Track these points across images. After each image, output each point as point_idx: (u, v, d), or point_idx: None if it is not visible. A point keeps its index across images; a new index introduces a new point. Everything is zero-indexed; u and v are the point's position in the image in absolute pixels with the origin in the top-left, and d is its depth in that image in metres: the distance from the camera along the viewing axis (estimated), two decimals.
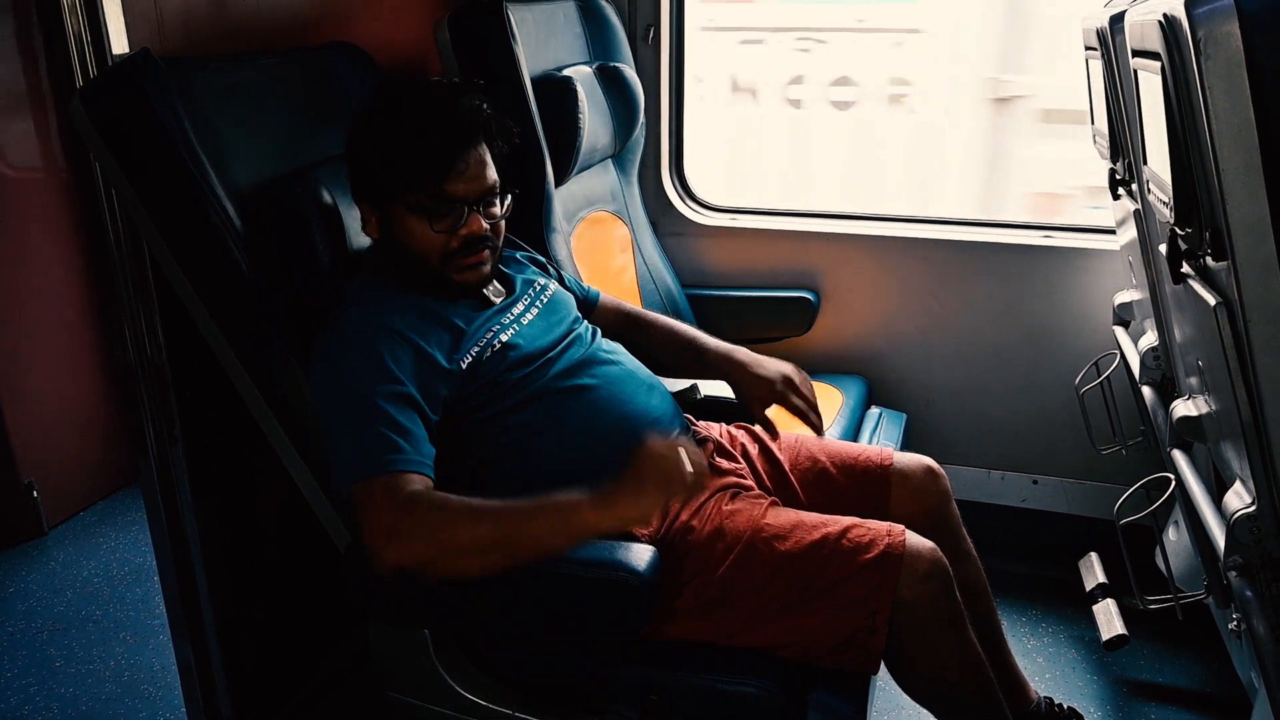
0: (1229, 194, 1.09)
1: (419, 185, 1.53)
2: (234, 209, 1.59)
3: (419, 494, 1.36)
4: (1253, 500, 1.23)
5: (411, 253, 1.57)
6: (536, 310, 1.70)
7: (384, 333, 1.49)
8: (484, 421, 1.55)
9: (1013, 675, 1.78)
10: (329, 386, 1.48)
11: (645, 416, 1.64)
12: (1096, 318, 2.52)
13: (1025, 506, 2.75)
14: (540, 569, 1.44)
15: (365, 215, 1.61)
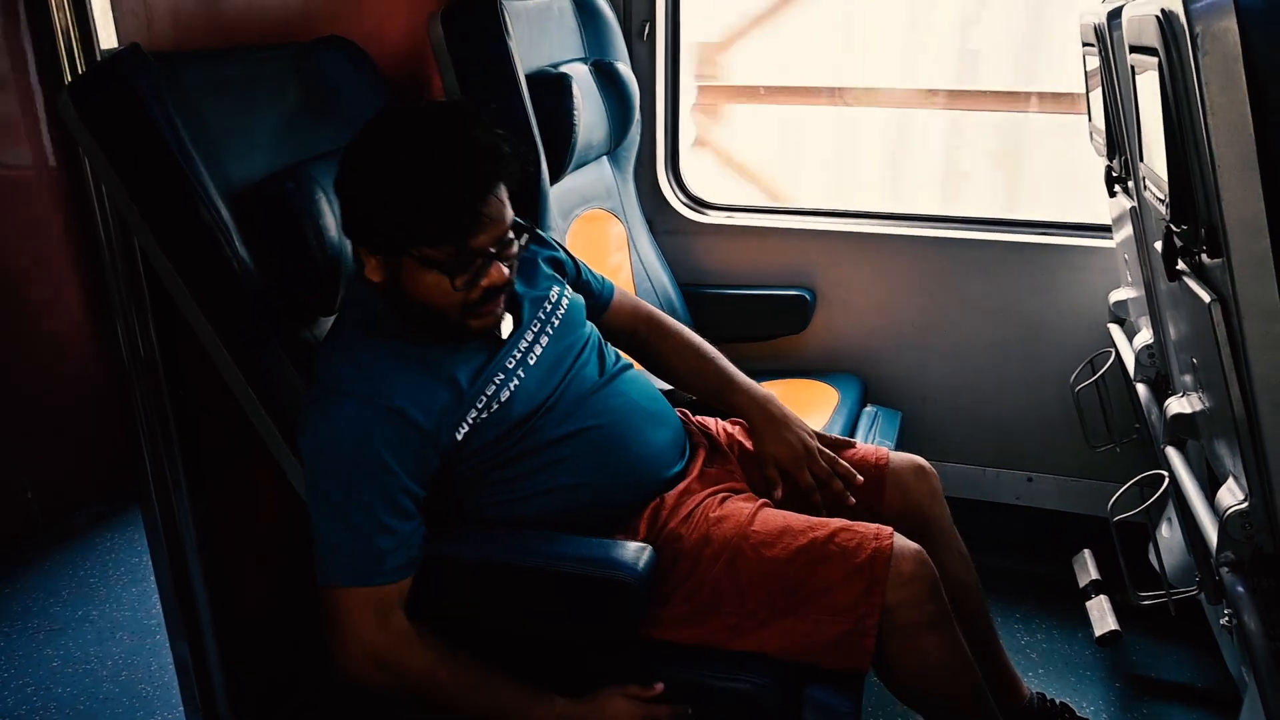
0: (1224, 191, 1.09)
1: (438, 242, 1.40)
2: (226, 206, 1.56)
3: (416, 636, 1.40)
4: (1245, 497, 1.24)
5: (425, 306, 1.46)
6: (547, 338, 1.61)
7: (379, 413, 1.41)
8: (478, 478, 1.52)
9: (1005, 672, 1.78)
10: (318, 470, 1.42)
11: (648, 453, 1.63)
12: (1092, 315, 2.52)
13: (1020, 504, 2.75)
14: (537, 567, 1.45)
15: (362, 258, 1.48)
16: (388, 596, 1.40)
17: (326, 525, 1.41)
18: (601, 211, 2.59)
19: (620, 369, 1.70)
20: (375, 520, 1.39)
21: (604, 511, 1.57)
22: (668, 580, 1.51)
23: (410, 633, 1.40)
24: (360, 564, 1.39)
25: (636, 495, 1.60)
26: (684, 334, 1.90)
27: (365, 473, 1.39)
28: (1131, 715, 2.10)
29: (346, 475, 1.40)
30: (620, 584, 1.41)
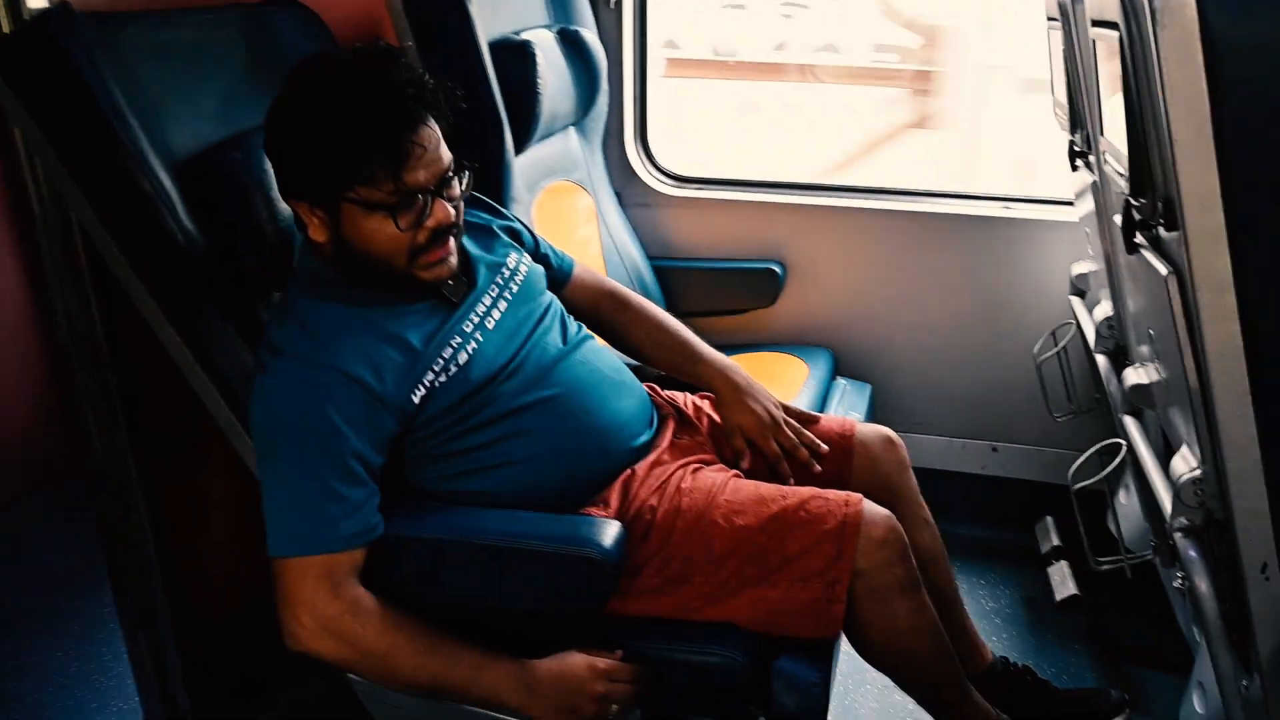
0: (1180, 164, 1.11)
1: (374, 180, 1.37)
2: (167, 175, 1.49)
3: (364, 602, 1.38)
4: (1198, 464, 1.27)
5: (372, 255, 1.43)
6: (505, 304, 1.59)
7: (329, 375, 1.39)
8: (438, 446, 1.50)
9: (969, 637, 1.82)
10: (266, 436, 1.40)
11: (614, 423, 1.62)
12: (1055, 288, 2.56)
13: (985, 473, 2.80)
14: (504, 542, 1.43)
15: (304, 217, 1.44)
16: (340, 565, 1.38)
17: (276, 493, 1.39)
18: (569, 184, 2.56)
19: (583, 338, 1.70)
20: (325, 486, 1.37)
21: (573, 485, 1.56)
22: (639, 552, 1.52)
23: (362, 601, 1.38)
24: (310, 532, 1.37)
25: (604, 466, 1.59)
26: (647, 308, 1.89)
27: (314, 436, 1.37)
28: (1091, 675, 2.16)
29: (294, 439, 1.38)
30: (590, 561, 1.40)
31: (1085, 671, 2.18)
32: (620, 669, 1.46)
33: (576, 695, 1.42)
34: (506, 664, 1.42)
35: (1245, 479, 1.17)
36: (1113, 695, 1.82)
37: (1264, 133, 1.11)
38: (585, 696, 1.42)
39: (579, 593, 1.45)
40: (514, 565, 1.44)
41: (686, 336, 1.85)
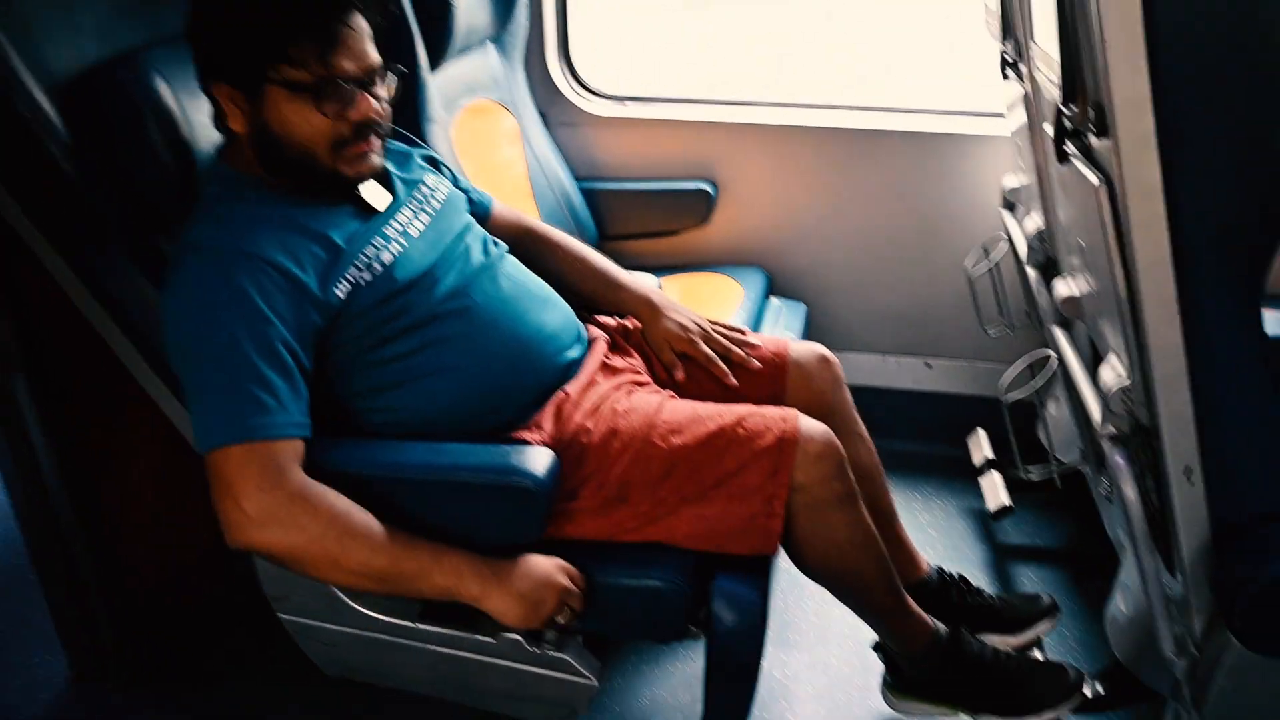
0: (1112, 69, 1.10)
1: (300, 59, 1.35)
2: (48, 100, 1.39)
3: (311, 487, 1.32)
4: (1126, 373, 1.28)
5: (293, 144, 1.40)
6: (427, 218, 1.58)
7: (246, 260, 1.34)
8: (365, 351, 1.46)
9: (905, 549, 1.84)
10: (184, 328, 1.34)
11: (540, 335, 1.60)
12: (986, 202, 2.56)
13: (919, 389, 2.82)
14: (434, 476, 1.41)
15: (224, 106, 1.40)
16: (282, 452, 1.31)
17: (201, 386, 1.32)
18: (489, 102, 2.48)
19: (505, 254, 1.68)
20: (253, 370, 1.31)
21: (502, 400, 1.54)
22: (575, 476, 1.51)
23: (310, 487, 1.32)
24: (240, 419, 1.30)
25: (532, 381, 1.57)
26: (566, 240, 1.88)
27: (240, 323, 1.32)
28: (1024, 581, 2.21)
29: (221, 328, 1.31)
30: (522, 490, 1.38)
31: (1017, 578, 2.23)
32: (579, 575, 1.46)
33: (542, 588, 1.41)
34: (469, 553, 1.39)
35: (1171, 386, 1.18)
36: (1044, 600, 1.86)
37: (1195, 35, 1.09)
38: (550, 591, 1.41)
39: (512, 523, 1.43)
40: (445, 498, 1.42)
41: (606, 265, 1.85)
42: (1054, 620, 1.85)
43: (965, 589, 1.86)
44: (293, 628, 1.65)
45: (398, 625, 1.56)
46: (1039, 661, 1.72)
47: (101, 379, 1.79)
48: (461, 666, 1.56)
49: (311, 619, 1.62)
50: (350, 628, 1.59)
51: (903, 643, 1.67)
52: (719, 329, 1.79)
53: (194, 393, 1.34)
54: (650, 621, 1.51)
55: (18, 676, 2.05)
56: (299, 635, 1.65)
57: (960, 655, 1.66)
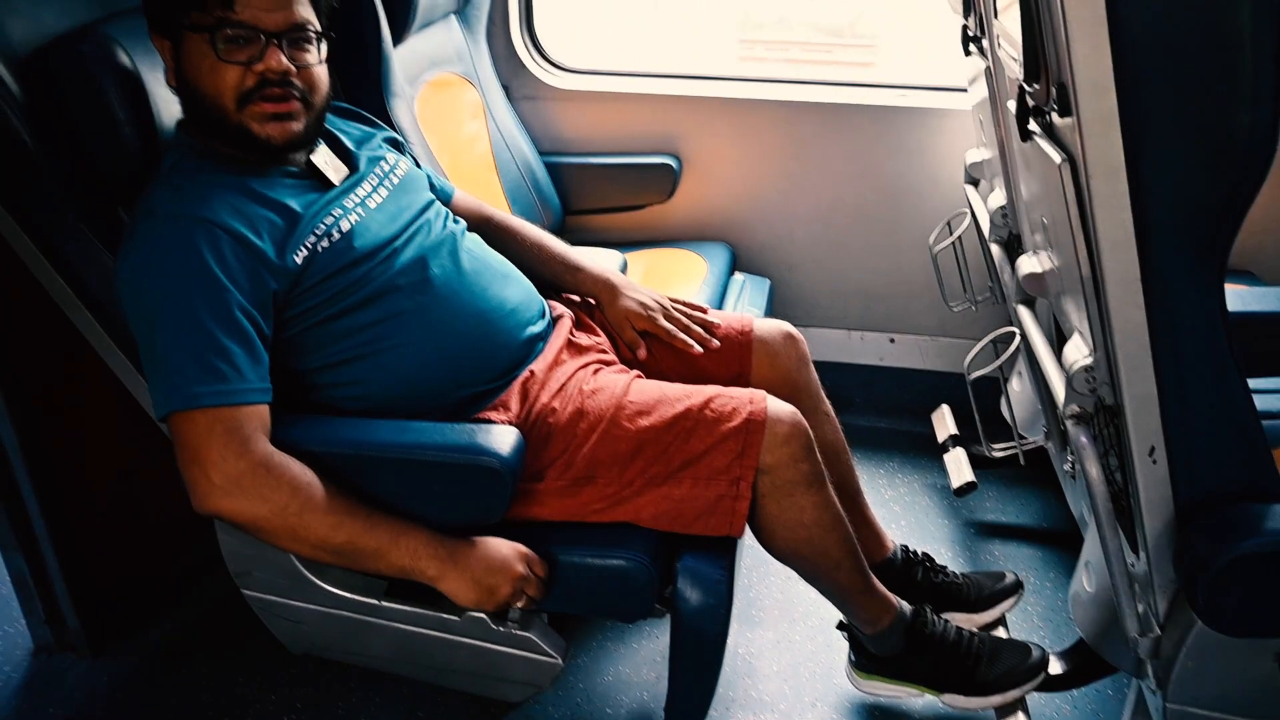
0: (1075, 48, 1.09)
1: (208, 4, 1.35)
2: (8, 71, 1.41)
3: (275, 457, 1.33)
4: (1089, 351, 1.28)
5: (203, 96, 1.40)
6: (386, 192, 1.58)
7: (202, 226, 1.34)
8: (323, 322, 1.45)
9: (871, 527, 1.85)
10: (140, 294, 1.34)
11: (501, 309, 1.59)
12: (950, 178, 2.56)
13: (883, 365, 2.83)
14: (398, 454, 1.41)
15: (164, 58, 1.43)
16: (248, 419, 1.32)
17: (158, 352, 1.32)
18: (453, 76, 2.46)
19: (465, 230, 1.68)
20: (211, 337, 1.31)
21: (463, 375, 1.54)
22: (542, 456, 1.51)
23: (274, 457, 1.33)
24: (199, 384, 1.30)
25: (494, 354, 1.57)
26: (526, 227, 1.89)
27: (197, 288, 1.32)
28: (988, 558, 2.23)
29: (177, 294, 1.32)
30: (488, 470, 1.38)
31: (981, 554, 2.25)
32: (538, 562, 1.46)
33: (498, 574, 1.42)
34: (428, 533, 1.40)
35: (1135, 365, 1.18)
36: (1008, 578, 1.88)
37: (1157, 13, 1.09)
38: (506, 577, 1.42)
39: (477, 502, 1.43)
40: (409, 477, 1.42)
41: (564, 248, 1.86)
42: (1018, 598, 1.87)
43: (930, 567, 1.87)
44: (257, 604, 1.65)
45: (363, 603, 1.57)
46: (1003, 640, 1.73)
47: (60, 349, 1.79)
48: (427, 645, 1.56)
49: (276, 595, 1.62)
50: (315, 604, 1.59)
51: (867, 622, 1.67)
52: (679, 306, 1.79)
53: (150, 359, 1.34)
54: (616, 600, 1.52)
55: None
56: (263, 612, 1.65)
57: (924, 634, 1.68)
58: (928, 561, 1.88)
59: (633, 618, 1.57)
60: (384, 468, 1.41)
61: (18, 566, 1.92)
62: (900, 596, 1.70)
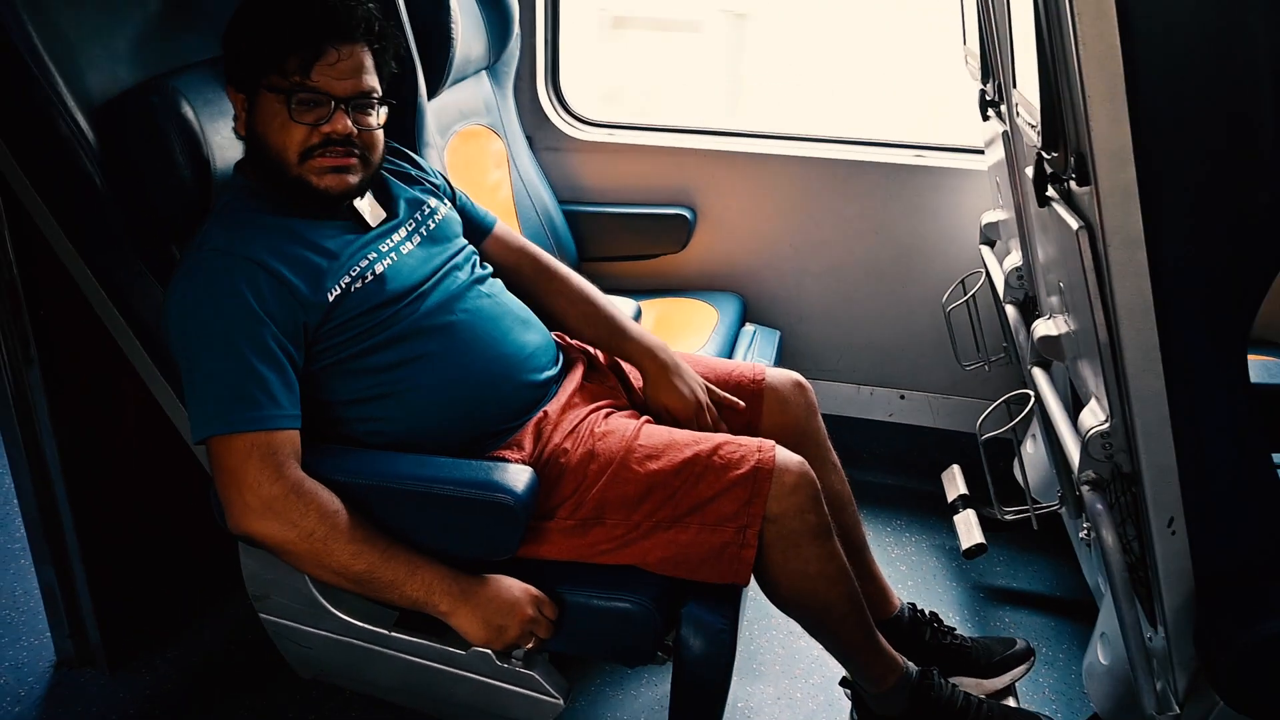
0: (1093, 120, 1.11)
1: (282, 66, 1.45)
2: (86, 119, 1.51)
3: (307, 484, 1.39)
4: (1106, 418, 1.28)
5: (269, 148, 1.49)
6: (419, 238, 1.64)
7: (243, 264, 1.42)
8: (350, 359, 1.50)
9: (876, 583, 1.84)
10: (184, 322, 1.42)
11: (519, 354, 1.63)
12: (964, 237, 2.58)
13: (892, 421, 2.83)
14: (417, 487, 1.44)
15: (236, 109, 1.53)
16: (281, 446, 1.39)
17: (197, 378, 1.40)
18: (480, 127, 2.52)
19: (489, 276, 1.73)
20: (247, 365, 1.38)
21: (481, 416, 1.57)
22: (553, 496, 1.52)
23: (305, 484, 1.39)
24: (235, 409, 1.38)
25: (510, 397, 1.60)
26: (572, 277, 1.86)
27: (235, 319, 1.40)
28: (997, 625, 2.20)
29: (212, 323, 1.40)
30: (502, 506, 1.41)
31: (991, 620, 2.22)
32: (549, 604, 1.48)
33: (508, 615, 1.44)
34: (444, 569, 1.44)
35: (1153, 434, 1.18)
36: (1019, 644, 1.86)
37: (1177, 89, 1.10)
38: (515, 619, 1.44)
39: (490, 538, 1.46)
40: (426, 510, 1.45)
41: (613, 311, 1.83)
42: (1029, 665, 1.85)
43: (937, 628, 1.85)
44: (271, 628, 1.70)
45: (373, 632, 1.61)
46: (1012, 710, 1.71)
47: (106, 374, 1.91)
48: (432, 677, 1.59)
49: (290, 620, 1.67)
50: (327, 631, 1.64)
51: (871, 680, 1.66)
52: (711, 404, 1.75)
53: (190, 385, 1.41)
54: (618, 643, 1.52)
55: (5, 659, 2.10)
56: (277, 635, 1.70)
57: (929, 697, 1.66)
58: (936, 621, 1.86)
59: (634, 662, 1.58)
60: (402, 500, 1.45)
61: (48, 579, 2.00)
62: (907, 656, 1.69)
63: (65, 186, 1.53)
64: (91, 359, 1.88)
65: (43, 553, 1.97)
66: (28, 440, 1.88)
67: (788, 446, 1.55)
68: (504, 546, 1.46)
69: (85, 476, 1.93)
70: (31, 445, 1.88)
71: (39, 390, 1.83)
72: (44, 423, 1.86)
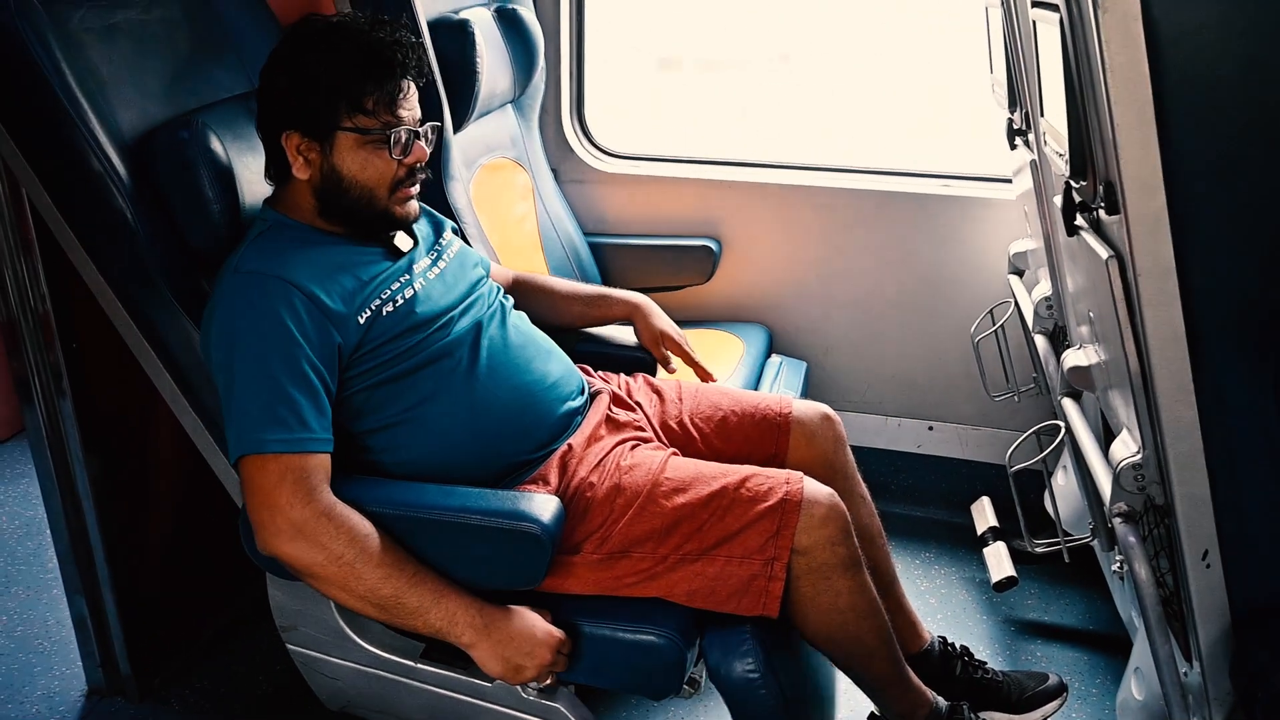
0: (1122, 149, 1.10)
1: (372, 111, 1.51)
2: (118, 155, 1.54)
3: (337, 508, 1.41)
4: (1138, 449, 1.26)
5: (357, 186, 1.54)
6: (442, 266, 1.67)
7: (280, 286, 1.45)
8: (379, 385, 1.52)
9: (906, 616, 1.81)
10: (222, 344, 1.44)
11: (543, 383, 1.65)
12: (992, 267, 2.56)
13: (921, 452, 2.81)
14: (444, 517, 1.45)
15: (290, 155, 1.53)
16: (314, 470, 1.41)
17: (234, 400, 1.42)
18: (506, 160, 2.54)
19: (512, 304, 1.76)
20: (280, 388, 1.41)
21: (506, 445, 1.58)
22: (578, 529, 1.52)
23: (336, 508, 1.40)
24: (267, 431, 1.39)
25: (536, 429, 1.61)
26: (552, 280, 2.03)
27: (271, 341, 1.42)
28: (1029, 659, 2.16)
29: (248, 344, 1.42)
30: (529, 536, 1.41)
31: (1022, 654, 2.19)
32: (567, 644, 1.48)
33: (526, 655, 1.44)
34: (469, 599, 1.44)
35: (1187, 465, 1.16)
36: (1051, 679, 1.83)
37: (1206, 116, 1.10)
38: (533, 659, 1.44)
39: (516, 568, 1.46)
40: (453, 539, 1.46)
41: (586, 287, 2.02)
42: (1062, 701, 1.81)
43: (968, 662, 1.83)
44: (298, 658, 1.71)
45: (399, 663, 1.61)
46: None
47: (137, 405, 1.96)
48: (457, 708, 1.60)
49: (316, 651, 1.68)
50: (353, 662, 1.65)
51: (900, 716, 1.63)
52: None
53: (227, 406, 1.44)
54: (644, 676, 1.51)
55: (37, 688, 2.12)
56: (304, 666, 1.71)
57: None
58: (966, 655, 1.83)
59: (661, 695, 1.56)
60: (429, 529, 1.46)
61: (79, 609, 2.02)
62: (937, 691, 1.66)
63: (97, 221, 1.56)
64: (122, 391, 1.91)
65: (74, 583, 2.00)
66: (60, 471, 1.91)
67: (816, 479, 1.54)
68: (530, 576, 1.46)
69: (116, 507, 1.96)
70: (63, 476, 1.91)
71: (71, 422, 1.86)
72: (75, 454, 1.89)
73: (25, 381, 1.84)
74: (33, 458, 1.92)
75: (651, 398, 1.82)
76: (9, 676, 2.14)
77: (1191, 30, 1.07)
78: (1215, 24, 1.07)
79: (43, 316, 1.79)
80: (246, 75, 1.83)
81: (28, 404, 1.86)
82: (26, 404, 1.86)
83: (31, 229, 1.74)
